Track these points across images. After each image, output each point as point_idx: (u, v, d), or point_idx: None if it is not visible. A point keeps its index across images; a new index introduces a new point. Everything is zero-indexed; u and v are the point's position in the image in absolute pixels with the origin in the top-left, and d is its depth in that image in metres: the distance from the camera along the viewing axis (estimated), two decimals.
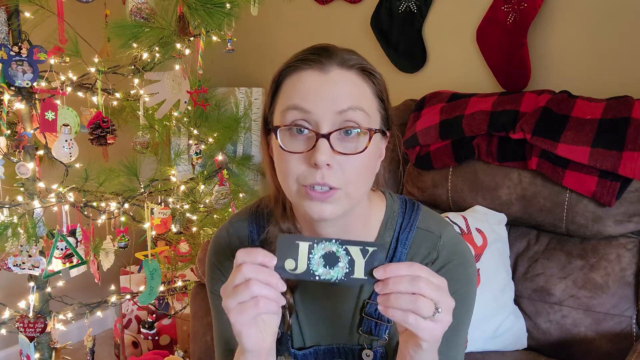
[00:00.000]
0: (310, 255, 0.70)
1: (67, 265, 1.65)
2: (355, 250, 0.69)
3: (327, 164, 0.72)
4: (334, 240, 0.70)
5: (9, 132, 1.59)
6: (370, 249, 0.69)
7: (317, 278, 0.70)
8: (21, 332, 1.67)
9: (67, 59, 1.56)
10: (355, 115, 0.74)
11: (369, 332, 0.85)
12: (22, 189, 1.65)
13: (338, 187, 0.74)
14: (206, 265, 0.95)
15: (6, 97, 1.53)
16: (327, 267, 0.70)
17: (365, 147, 0.74)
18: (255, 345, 0.70)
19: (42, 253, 1.62)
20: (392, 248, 0.85)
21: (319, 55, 0.76)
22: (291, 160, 0.74)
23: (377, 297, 0.70)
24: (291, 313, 0.87)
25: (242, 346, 0.71)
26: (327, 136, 0.72)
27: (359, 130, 0.74)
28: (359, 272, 0.69)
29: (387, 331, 0.85)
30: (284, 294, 0.72)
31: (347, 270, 0.69)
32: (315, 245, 0.69)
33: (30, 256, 1.60)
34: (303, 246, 0.70)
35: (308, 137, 0.74)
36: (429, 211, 0.90)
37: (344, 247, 0.69)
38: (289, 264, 0.70)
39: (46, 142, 1.61)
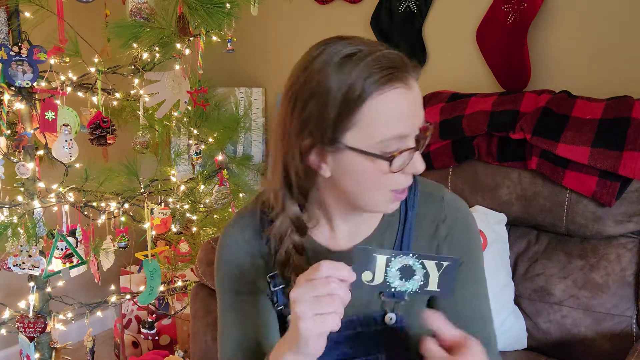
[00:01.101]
0: (388, 268, 0.74)
1: (67, 265, 1.65)
2: (431, 265, 0.75)
3: None
4: (411, 255, 0.74)
5: (9, 132, 1.59)
6: (445, 264, 0.75)
7: (392, 289, 0.75)
8: (21, 332, 1.67)
9: (67, 59, 1.56)
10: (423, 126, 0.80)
11: (391, 295, 0.88)
12: (22, 189, 1.65)
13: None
14: (221, 266, 0.94)
15: (6, 97, 1.53)
16: (403, 279, 0.75)
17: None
18: (319, 352, 0.73)
19: (42, 253, 1.63)
20: (402, 214, 0.90)
21: (400, 70, 0.75)
22: (388, 175, 0.77)
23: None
24: None
25: (304, 351, 0.72)
26: (419, 149, 0.78)
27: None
28: (433, 285, 0.75)
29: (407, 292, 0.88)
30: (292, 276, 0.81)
31: (422, 282, 0.75)
32: (392, 258, 0.74)
33: (30, 256, 1.60)
34: (381, 260, 0.74)
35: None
36: (422, 178, 0.94)
37: (420, 261, 0.74)
38: (366, 276, 0.74)
39: (46, 142, 1.61)
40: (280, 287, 0.90)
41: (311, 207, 0.86)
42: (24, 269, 1.60)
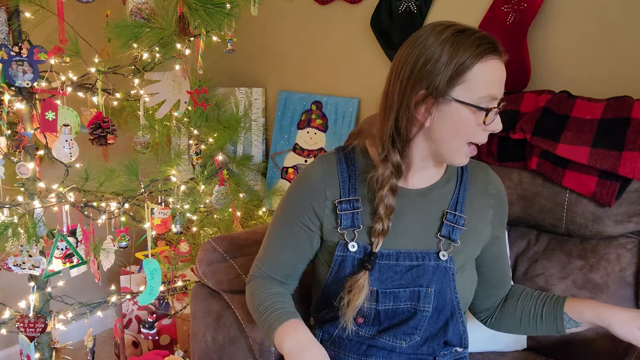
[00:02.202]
0: None
1: (67, 265, 1.65)
2: None
3: None
4: None
5: (9, 132, 1.59)
6: None
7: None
8: (21, 332, 1.67)
9: (68, 59, 1.56)
10: None
11: (447, 236, 1.07)
12: (22, 189, 1.65)
13: None
14: (292, 191, 1.14)
15: (6, 97, 1.54)
16: None
17: None
18: None
19: (42, 253, 1.63)
20: (459, 174, 1.12)
21: (496, 46, 0.99)
22: (470, 125, 0.98)
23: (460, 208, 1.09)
24: (385, 235, 1.05)
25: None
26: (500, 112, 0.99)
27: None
28: None
29: (460, 234, 1.07)
30: (384, 215, 1.03)
31: None
32: None
33: (30, 256, 1.60)
34: None
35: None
36: None
37: None
38: None
39: (46, 142, 1.61)
40: (346, 211, 1.07)
41: (406, 156, 1.04)
42: (24, 269, 1.60)
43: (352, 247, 1.07)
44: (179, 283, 2.11)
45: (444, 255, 1.06)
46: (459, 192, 1.10)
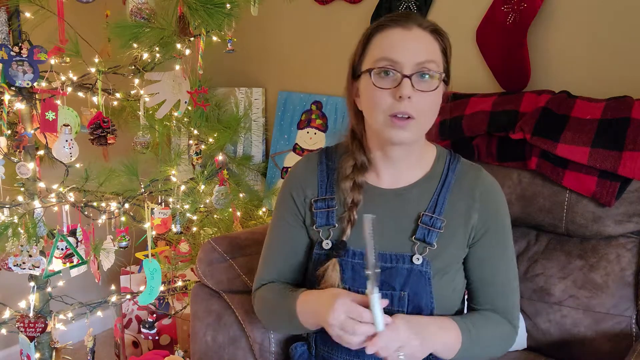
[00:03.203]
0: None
1: (68, 265, 1.65)
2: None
3: (409, 97, 0.95)
4: None
5: (9, 132, 1.59)
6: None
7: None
8: (21, 332, 1.67)
9: (68, 59, 1.56)
10: (429, 65, 0.97)
11: (422, 239, 1.05)
12: (22, 189, 1.65)
13: (414, 116, 0.97)
14: (280, 193, 1.18)
15: (7, 97, 1.54)
16: None
17: (437, 87, 0.99)
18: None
19: (42, 253, 1.63)
20: (444, 174, 1.09)
21: (404, 17, 0.99)
22: (381, 95, 0.97)
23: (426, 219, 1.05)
24: (352, 226, 1.06)
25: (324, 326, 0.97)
26: (409, 76, 0.96)
27: (433, 73, 0.98)
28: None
29: (436, 238, 1.05)
30: (350, 208, 1.05)
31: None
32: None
33: (30, 256, 1.60)
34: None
35: (394, 79, 0.97)
36: (464, 159, 1.14)
37: None
38: None
39: (46, 142, 1.61)
40: (321, 209, 1.10)
41: (367, 150, 1.07)
42: (24, 268, 1.60)
43: (326, 244, 1.09)
44: (179, 283, 2.11)
45: (417, 259, 1.04)
46: (439, 194, 1.07)
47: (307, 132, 2.26)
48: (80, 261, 1.66)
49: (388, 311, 1.05)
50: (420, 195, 1.08)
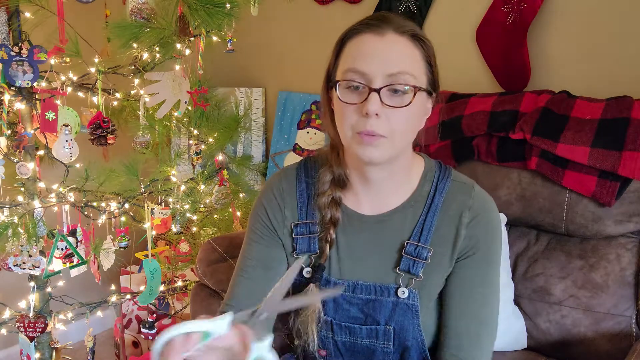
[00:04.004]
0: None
1: (68, 265, 1.65)
2: None
3: (376, 114, 0.84)
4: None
5: (9, 132, 1.59)
6: None
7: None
8: (21, 332, 1.67)
9: (68, 59, 1.56)
10: (403, 78, 0.85)
11: (407, 270, 0.95)
12: (22, 189, 1.65)
13: (384, 135, 0.85)
14: (253, 210, 1.06)
15: (6, 97, 1.53)
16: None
17: (410, 102, 0.86)
18: None
19: (42, 253, 1.63)
20: (431, 196, 0.96)
21: (378, 20, 0.88)
22: (347, 110, 0.87)
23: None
24: (331, 246, 0.97)
25: None
26: (377, 90, 0.84)
27: (406, 87, 0.86)
28: None
29: (422, 268, 0.94)
30: (327, 227, 0.95)
31: None
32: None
33: (30, 256, 1.60)
34: None
35: (361, 92, 0.86)
36: (457, 172, 1.02)
37: None
38: None
39: (46, 142, 1.61)
40: (302, 235, 0.99)
41: (345, 165, 0.97)
42: (24, 269, 1.60)
43: (307, 272, 0.99)
44: (179, 283, 2.11)
45: (403, 292, 0.95)
46: (424, 219, 0.95)
47: (307, 132, 2.26)
48: (80, 261, 1.66)
49: (372, 347, 0.97)
50: (404, 221, 0.96)
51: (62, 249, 1.62)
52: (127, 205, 1.72)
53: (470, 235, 0.94)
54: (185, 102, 1.76)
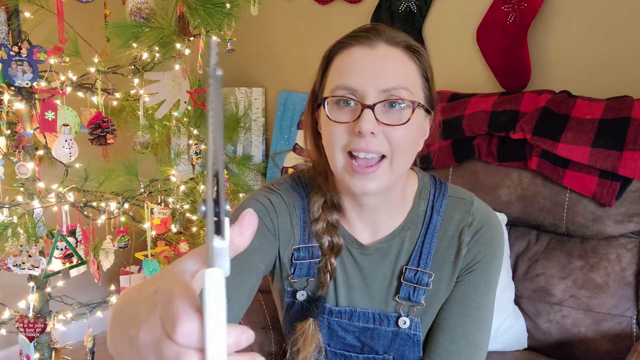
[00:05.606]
0: None
1: (67, 265, 1.65)
2: None
3: (372, 132, 0.76)
4: None
5: (8, 132, 1.59)
6: None
7: None
8: (21, 332, 1.67)
9: (67, 59, 1.56)
10: (400, 92, 0.77)
11: (407, 298, 0.88)
12: (22, 189, 1.65)
13: (384, 153, 0.77)
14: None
15: (6, 97, 1.53)
16: None
17: (409, 119, 0.77)
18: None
19: (42, 253, 1.62)
20: (428, 216, 0.89)
21: (368, 32, 0.80)
22: (338, 130, 0.78)
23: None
24: (332, 276, 0.89)
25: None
26: (371, 107, 0.76)
27: (403, 104, 0.77)
28: None
29: (424, 295, 0.88)
30: (327, 257, 0.85)
31: None
32: None
33: (30, 256, 1.60)
34: None
35: (353, 109, 0.78)
36: (454, 185, 0.95)
37: None
38: None
39: (46, 142, 1.61)
40: (303, 260, 0.90)
41: (338, 194, 0.88)
42: (23, 269, 1.60)
43: (301, 295, 0.92)
44: None
45: (404, 322, 0.88)
46: (422, 242, 0.88)
47: None
48: (79, 261, 1.66)
49: None
50: (401, 245, 0.89)
51: (61, 249, 1.62)
52: (126, 205, 1.72)
53: (471, 253, 0.88)
54: (185, 102, 1.76)
